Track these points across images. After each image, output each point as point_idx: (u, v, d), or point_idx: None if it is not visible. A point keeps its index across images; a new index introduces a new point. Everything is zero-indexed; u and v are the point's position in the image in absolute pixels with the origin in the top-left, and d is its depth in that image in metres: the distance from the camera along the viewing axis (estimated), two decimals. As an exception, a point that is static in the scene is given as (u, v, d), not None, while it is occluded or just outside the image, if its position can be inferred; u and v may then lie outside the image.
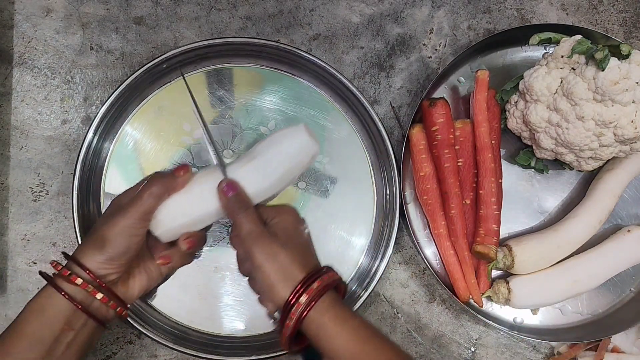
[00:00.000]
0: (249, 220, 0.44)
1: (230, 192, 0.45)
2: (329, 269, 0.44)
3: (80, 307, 0.42)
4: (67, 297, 0.42)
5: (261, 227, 0.44)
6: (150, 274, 0.49)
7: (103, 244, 0.43)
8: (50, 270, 0.44)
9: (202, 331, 0.57)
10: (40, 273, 0.44)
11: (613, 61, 0.52)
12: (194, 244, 0.49)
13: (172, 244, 0.49)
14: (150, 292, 0.56)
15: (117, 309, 0.45)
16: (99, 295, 0.43)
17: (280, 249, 0.43)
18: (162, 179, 0.46)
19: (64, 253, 0.45)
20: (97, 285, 0.43)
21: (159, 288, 0.57)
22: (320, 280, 0.42)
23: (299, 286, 0.42)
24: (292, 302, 0.41)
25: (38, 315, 0.42)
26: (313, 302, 0.41)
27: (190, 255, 0.51)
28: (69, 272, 0.42)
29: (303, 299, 0.41)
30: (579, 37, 0.55)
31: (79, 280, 0.42)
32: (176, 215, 0.46)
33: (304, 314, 0.41)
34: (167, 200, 0.46)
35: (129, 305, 0.47)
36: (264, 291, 0.44)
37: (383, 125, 0.60)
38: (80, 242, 0.56)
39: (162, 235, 0.47)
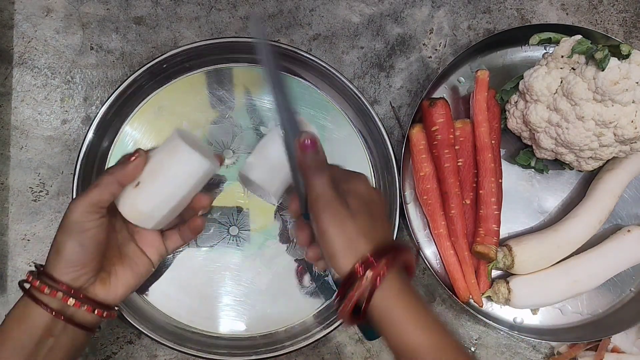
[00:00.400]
0: (323, 182, 0.41)
1: (310, 149, 0.41)
2: (400, 245, 0.41)
3: (55, 314, 0.41)
4: (42, 306, 0.41)
5: (334, 192, 0.40)
6: (137, 269, 0.47)
7: (57, 249, 0.42)
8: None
9: (202, 331, 0.57)
10: (19, 283, 0.44)
11: (613, 61, 0.52)
12: (203, 222, 0.49)
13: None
14: (144, 286, 0.56)
15: (96, 312, 0.43)
16: (71, 301, 0.42)
17: (349, 217, 0.40)
18: (110, 169, 0.43)
19: (34, 263, 0.45)
20: (66, 292, 0.42)
21: (159, 288, 0.57)
22: (389, 256, 0.38)
23: (365, 260, 0.38)
24: (355, 276, 0.38)
25: (19, 323, 0.42)
26: (378, 280, 0.38)
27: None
28: (37, 282, 0.42)
29: (368, 274, 0.37)
30: (579, 37, 0.55)
31: (47, 290, 0.41)
32: (160, 202, 0.44)
33: (368, 292, 0.38)
34: (143, 188, 0.43)
35: (116, 306, 0.46)
36: (328, 258, 0.41)
37: (383, 125, 0.60)
38: None
39: (156, 227, 0.46)
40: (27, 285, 0.43)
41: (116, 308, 0.46)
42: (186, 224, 0.49)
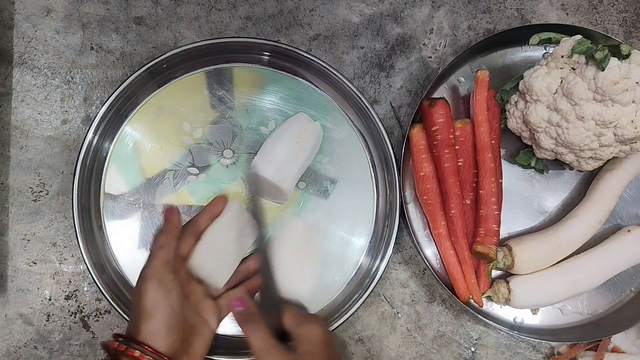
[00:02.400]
0: (258, 335, 0.44)
1: (238, 307, 0.47)
2: None
3: None
4: None
5: (272, 341, 0.44)
6: (204, 334, 0.49)
7: (149, 314, 0.43)
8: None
9: (202, 331, 0.57)
10: (105, 348, 0.43)
11: (613, 61, 0.52)
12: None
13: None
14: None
15: None
16: None
17: None
18: (159, 231, 0.49)
19: (117, 335, 0.44)
20: (157, 358, 0.42)
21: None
22: None
23: None
24: None
25: None
26: None
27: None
28: (125, 347, 0.41)
29: None
30: (579, 37, 0.55)
31: (137, 353, 0.41)
32: (216, 252, 0.52)
33: None
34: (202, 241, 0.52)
35: None
36: None
37: (383, 125, 0.60)
38: (82, 251, 0.56)
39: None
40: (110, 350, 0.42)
41: None
42: (244, 284, 0.54)
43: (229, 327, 0.57)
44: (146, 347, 0.41)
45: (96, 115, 0.57)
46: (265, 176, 0.55)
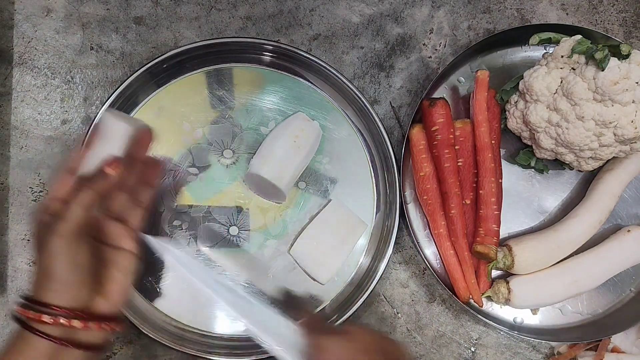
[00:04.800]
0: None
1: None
2: None
3: (61, 343, 0.37)
4: (45, 337, 0.37)
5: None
6: (122, 267, 0.42)
7: (48, 275, 0.37)
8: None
9: (202, 331, 0.57)
10: (12, 316, 0.39)
11: (613, 61, 0.52)
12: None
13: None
14: (144, 287, 0.56)
15: (105, 327, 0.40)
16: (76, 324, 0.38)
17: None
18: (89, 181, 0.39)
19: (21, 296, 0.39)
20: (69, 315, 0.38)
21: (159, 288, 0.57)
22: None
23: None
24: None
25: (19, 357, 0.37)
26: None
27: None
28: (32, 312, 0.37)
29: None
30: (579, 37, 0.55)
31: (46, 317, 0.37)
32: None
33: None
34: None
35: (119, 313, 0.42)
36: None
37: (383, 125, 0.60)
38: None
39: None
40: (20, 317, 0.38)
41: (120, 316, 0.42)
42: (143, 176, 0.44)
43: (229, 327, 0.58)
44: (54, 307, 0.37)
45: (96, 116, 0.57)
46: (263, 175, 0.55)
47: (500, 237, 0.60)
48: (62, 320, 0.37)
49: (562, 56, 0.55)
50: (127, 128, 0.42)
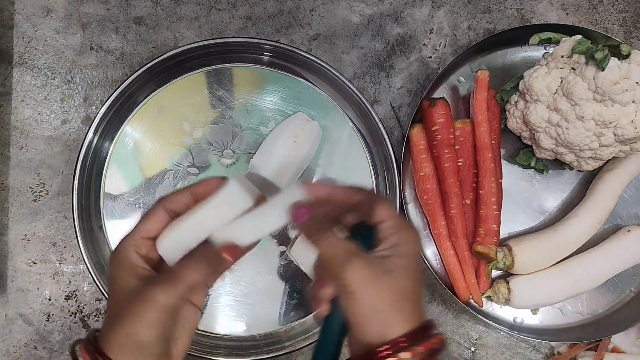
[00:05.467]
0: (333, 243, 0.35)
1: (302, 217, 0.36)
2: (434, 329, 0.35)
3: None
4: None
5: (352, 246, 0.35)
6: (188, 324, 0.38)
7: (136, 344, 0.33)
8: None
9: (202, 331, 0.57)
10: (72, 353, 0.35)
11: (613, 61, 0.52)
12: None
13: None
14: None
15: None
16: None
17: (387, 280, 0.34)
18: (205, 258, 0.36)
19: (93, 337, 0.36)
20: None
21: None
22: (429, 342, 0.33)
23: (401, 339, 0.32)
24: (383, 355, 0.32)
25: None
26: None
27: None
28: None
29: (405, 356, 0.32)
30: (579, 37, 0.55)
31: None
32: (201, 227, 0.38)
33: None
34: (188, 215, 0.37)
35: None
36: (353, 322, 0.34)
37: (383, 125, 0.60)
38: (82, 251, 0.54)
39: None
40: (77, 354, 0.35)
41: None
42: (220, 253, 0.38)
43: (229, 327, 0.58)
44: None
45: (96, 115, 0.57)
46: (263, 175, 0.55)
47: (500, 237, 0.60)
48: None
49: (562, 56, 0.55)
50: (249, 203, 0.38)
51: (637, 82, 0.52)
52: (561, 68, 0.55)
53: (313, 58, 0.60)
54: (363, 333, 0.34)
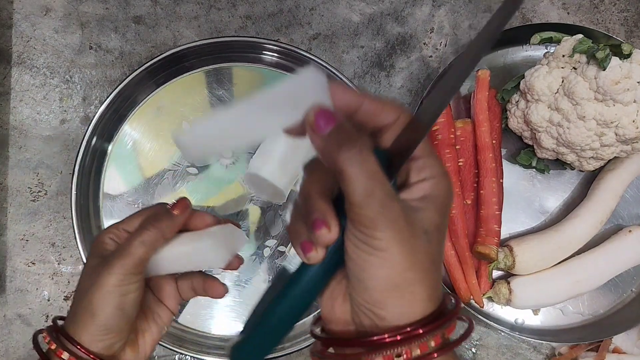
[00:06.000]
0: (365, 169, 0.25)
1: (327, 127, 0.26)
2: (453, 304, 0.29)
3: None
4: None
5: (387, 186, 0.25)
6: (160, 321, 0.40)
7: (92, 313, 0.34)
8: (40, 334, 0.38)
9: (202, 332, 0.57)
10: (34, 339, 0.37)
11: (614, 60, 0.51)
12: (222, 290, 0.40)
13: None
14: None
15: None
16: None
17: (424, 243, 0.26)
18: (155, 220, 0.36)
19: (55, 318, 0.38)
20: None
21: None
22: (453, 325, 0.27)
23: (426, 320, 0.26)
24: (402, 338, 0.26)
25: None
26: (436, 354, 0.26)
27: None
28: (55, 346, 0.35)
29: (431, 343, 0.26)
30: (580, 36, 0.55)
31: (65, 355, 0.35)
32: (174, 263, 0.38)
33: None
34: (171, 243, 0.38)
35: None
36: (364, 288, 0.27)
37: (383, 125, 0.59)
38: (81, 252, 0.55)
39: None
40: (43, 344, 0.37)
41: None
42: (203, 284, 0.41)
43: (228, 328, 0.57)
44: (80, 347, 0.35)
45: (95, 115, 0.57)
46: (263, 175, 0.55)
47: (501, 238, 0.60)
48: None
49: (563, 55, 0.55)
50: (221, 263, 0.39)
51: (638, 82, 0.51)
52: (562, 67, 0.55)
53: (313, 57, 0.60)
54: (374, 304, 0.26)
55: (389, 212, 0.25)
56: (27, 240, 0.59)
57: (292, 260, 0.53)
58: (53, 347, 0.35)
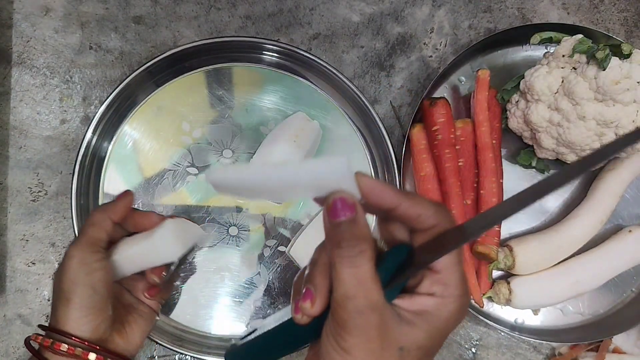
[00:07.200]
0: (352, 275, 0.25)
1: (341, 215, 0.26)
2: None
3: None
4: None
5: (372, 297, 0.25)
6: (145, 315, 0.45)
7: (67, 298, 0.38)
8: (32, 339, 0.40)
9: (202, 332, 0.57)
10: (26, 342, 0.40)
11: (614, 61, 0.51)
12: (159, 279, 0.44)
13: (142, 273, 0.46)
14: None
15: None
16: (92, 357, 0.38)
17: (391, 357, 0.26)
18: (100, 206, 0.43)
19: (40, 326, 0.40)
20: (85, 347, 0.38)
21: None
22: None
23: None
24: None
25: None
26: None
27: (173, 280, 0.49)
28: (49, 340, 0.38)
29: None
30: (580, 36, 0.55)
31: (64, 347, 0.37)
32: (132, 262, 0.43)
33: None
34: (126, 245, 0.43)
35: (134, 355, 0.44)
36: None
37: (383, 125, 0.59)
38: None
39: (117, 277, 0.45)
40: (35, 346, 0.39)
41: None
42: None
43: (228, 328, 0.57)
44: (73, 337, 0.37)
45: (95, 115, 0.57)
46: None
47: (501, 238, 0.60)
48: (78, 351, 0.37)
49: (563, 55, 0.55)
50: (176, 255, 0.43)
51: (638, 82, 0.51)
52: (562, 67, 0.55)
53: (313, 57, 0.60)
54: None
55: (363, 320, 0.25)
56: (27, 240, 0.59)
57: None
58: (47, 344, 0.38)
